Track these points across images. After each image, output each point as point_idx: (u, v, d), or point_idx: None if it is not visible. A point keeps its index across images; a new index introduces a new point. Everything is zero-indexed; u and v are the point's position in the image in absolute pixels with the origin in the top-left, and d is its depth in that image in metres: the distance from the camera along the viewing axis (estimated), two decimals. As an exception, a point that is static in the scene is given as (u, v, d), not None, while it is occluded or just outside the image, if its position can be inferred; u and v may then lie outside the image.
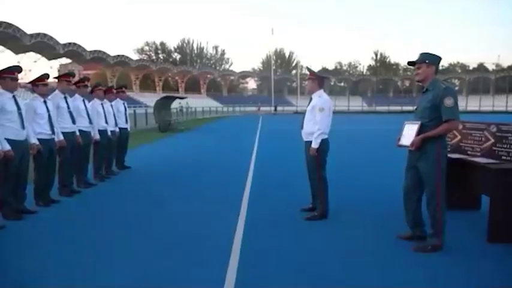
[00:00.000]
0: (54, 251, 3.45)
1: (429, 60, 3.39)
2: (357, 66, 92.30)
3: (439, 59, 3.46)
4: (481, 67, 77.32)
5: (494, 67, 75.67)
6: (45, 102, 4.96)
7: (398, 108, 59.43)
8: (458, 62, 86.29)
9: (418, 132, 3.37)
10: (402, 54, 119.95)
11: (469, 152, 4.22)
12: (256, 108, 50.81)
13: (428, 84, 3.40)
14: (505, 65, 78.82)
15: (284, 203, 5.02)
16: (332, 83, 77.49)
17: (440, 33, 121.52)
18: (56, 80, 5.66)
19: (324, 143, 4.22)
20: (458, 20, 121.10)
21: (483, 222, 3.76)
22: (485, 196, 4.10)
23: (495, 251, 3.39)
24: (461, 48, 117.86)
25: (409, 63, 3.56)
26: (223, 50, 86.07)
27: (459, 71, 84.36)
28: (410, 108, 57.65)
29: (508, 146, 3.75)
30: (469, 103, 61.63)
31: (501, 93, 69.65)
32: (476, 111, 52.21)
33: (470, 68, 77.73)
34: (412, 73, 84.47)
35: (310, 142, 4.25)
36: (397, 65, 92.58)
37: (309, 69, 4.47)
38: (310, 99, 4.39)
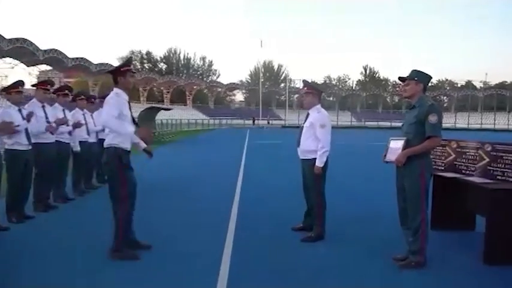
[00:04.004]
0: (25, 270, 3.28)
1: (418, 78, 3.50)
2: (346, 81, 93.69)
3: (428, 77, 3.57)
4: (469, 84, 79.39)
5: (481, 85, 77.87)
6: (20, 111, 4.81)
7: (387, 124, 60.36)
8: (446, 79, 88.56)
9: (404, 148, 3.45)
10: (391, 70, 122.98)
11: (463, 171, 4.24)
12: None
13: (416, 101, 3.50)
14: (492, 82, 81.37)
15: (274, 222, 4.94)
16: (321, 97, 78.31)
17: (430, 49, 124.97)
18: (34, 88, 5.52)
19: (326, 160, 4.19)
20: (446, 37, 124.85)
21: (478, 243, 3.76)
22: (480, 216, 4.13)
23: (491, 273, 3.37)
24: (450, 65, 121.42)
25: (400, 78, 3.66)
26: (211, 61, 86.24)
27: (447, 88, 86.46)
28: (399, 124, 58.65)
29: (504, 166, 3.78)
30: (457, 120, 63.02)
31: (489, 111, 71.53)
32: (465, 129, 53.29)
33: (459, 85, 79.71)
34: (401, 89, 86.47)
35: (308, 160, 4.21)
36: (386, 80, 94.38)
37: (306, 82, 4.44)
38: (307, 115, 4.36)
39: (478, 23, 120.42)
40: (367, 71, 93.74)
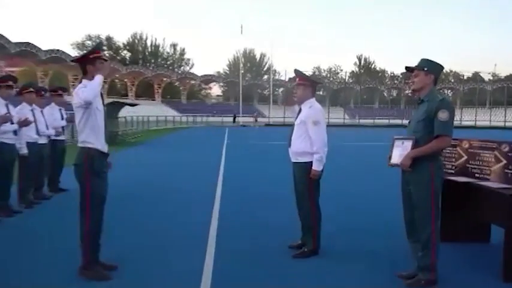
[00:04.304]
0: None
1: (428, 68, 3.49)
2: (338, 73, 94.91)
3: (440, 68, 3.58)
4: (476, 77, 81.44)
5: (490, 77, 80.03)
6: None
7: (385, 121, 61.36)
8: (451, 71, 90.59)
9: (412, 149, 3.44)
10: (389, 60, 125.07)
11: (477, 175, 4.28)
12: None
13: (425, 95, 3.50)
14: (502, 74, 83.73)
15: (260, 234, 4.90)
16: (310, 91, 79.00)
17: (433, 38, 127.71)
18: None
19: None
20: (451, 25, 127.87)
21: (495, 257, 3.81)
22: (495, 226, 4.17)
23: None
24: (455, 55, 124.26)
25: (407, 68, 3.66)
26: (183, 49, 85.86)
27: (452, 80, 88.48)
28: (398, 121, 59.84)
29: (523, 169, 3.82)
30: (463, 117, 64.46)
31: (498, 106, 73.50)
32: (472, 126, 54.36)
33: (465, 77, 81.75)
34: (400, 82, 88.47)
35: (300, 164, 4.18)
36: (383, 72, 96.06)
37: (298, 72, 4.40)
38: (299, 111, 4.32)
39: (486, 8, 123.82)
40: (362, 62, 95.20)
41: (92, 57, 3.62)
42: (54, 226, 5.28)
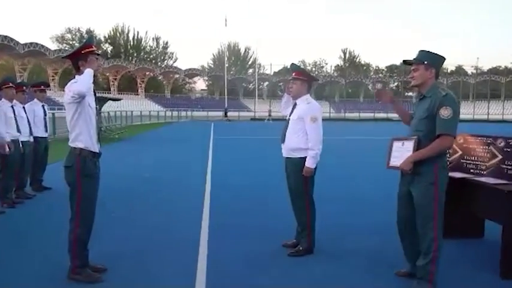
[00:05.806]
0: None
1: (429, 61, 3.26)
2: (323, 66, 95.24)
3: (441, 60, 3.33)
4: (459, 70, 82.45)
5: (473, 70, 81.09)
6: None
7: (370, 115, 61.86)
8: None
9: (416, 150, 3.24)
10: (373, 54, 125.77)
11: (472, 170, 4.26)
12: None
13: (427, 90, 3.27)
14: (484, 68, 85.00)
15: (253, 235, 4.82)
16: (295, 85, 79.26)
17: (416, 31, 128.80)
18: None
19: None
20: (434, 18, 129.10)
21: (491, 254, 3.81)
22: (489, 222, 4.17)
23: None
24: (438, 48, 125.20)
25: (405, 62, 3.44)
26: (166, 43, 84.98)
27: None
28: (383, 115, 60.20)
29: (519, 164, 3.81)
30: (447, 110, 65.44)
31: (481, 99, 74.73)
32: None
33: (448, 70, 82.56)
34: (385, 75, 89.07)
35: (294, 159, 4.11)
36: (367, 65, 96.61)
37: (295, 66, 4.32)
38: (294, 106, 4.24)
39: (468, 1, 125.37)
40: (347, 55, 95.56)
41: (84, 53, 3.48)
42: (39, 226, 5.13)
